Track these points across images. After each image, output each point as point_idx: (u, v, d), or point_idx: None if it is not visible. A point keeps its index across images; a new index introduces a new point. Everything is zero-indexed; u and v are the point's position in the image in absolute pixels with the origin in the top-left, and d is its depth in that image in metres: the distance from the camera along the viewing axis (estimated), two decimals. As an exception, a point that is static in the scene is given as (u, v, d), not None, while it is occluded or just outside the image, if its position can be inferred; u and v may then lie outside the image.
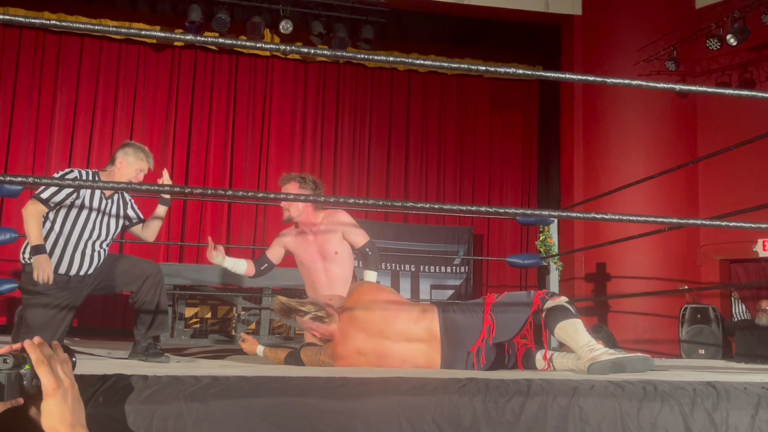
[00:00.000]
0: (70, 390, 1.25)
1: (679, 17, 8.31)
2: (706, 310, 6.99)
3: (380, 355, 2.85)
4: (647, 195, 7.55)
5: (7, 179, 2.14)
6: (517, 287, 9.18)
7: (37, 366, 1.23)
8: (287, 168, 8.89)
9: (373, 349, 2.87)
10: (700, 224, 2.48)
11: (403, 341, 2.88)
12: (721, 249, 8.07)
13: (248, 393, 1.70)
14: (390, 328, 2.90)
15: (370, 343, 2.88)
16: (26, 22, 2.15)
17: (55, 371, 1.24)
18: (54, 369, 1.24)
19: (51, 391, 1.22)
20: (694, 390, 1.94)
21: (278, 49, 2.33)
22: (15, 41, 8.21)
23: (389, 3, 8.38)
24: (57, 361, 1.26)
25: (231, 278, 6.51)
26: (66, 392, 1.24)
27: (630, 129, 8.26)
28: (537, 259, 7.09)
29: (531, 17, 8.98)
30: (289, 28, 8.06)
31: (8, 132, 8.07)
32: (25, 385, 1.22)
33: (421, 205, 2.50)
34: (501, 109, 9.69)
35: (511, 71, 2.48)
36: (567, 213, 3.28)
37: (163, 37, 2.20)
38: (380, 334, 2.88)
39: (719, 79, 8.36)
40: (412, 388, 1.82)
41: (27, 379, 1.22)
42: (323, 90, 9.17)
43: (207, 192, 2.15)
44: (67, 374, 1.26)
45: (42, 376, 1.22)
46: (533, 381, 1.91)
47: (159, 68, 8.67)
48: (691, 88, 2.53)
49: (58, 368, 1.25)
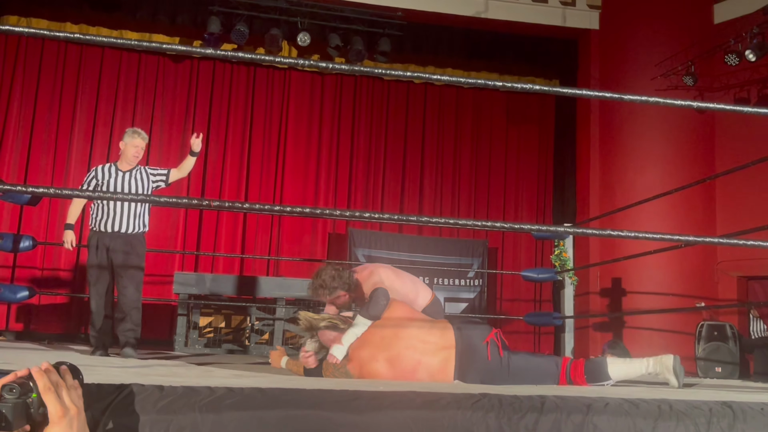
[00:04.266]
0: (76, 418, 1.24)
1: (697, 32, 8.28)
2: (723, 327, 6.92)
3: (393, 359, 2.97)
4: (664, 210, 7.50)
5: (30, 189, 2.18)
6: (532, 302, 9.13)
7: (44, 394, 1.22)
8: (303, 178, 8.93)
9: (386, 350, 3.00)
10: (717, 242, 2.46)
11: (417, 344, 3.04)
12: (738, 266, 7.99)
13: (263, 405, 1.71)
14: (404, 331, 3.05)
15: (383, 345, 3.02)
16: (50, 35, 2.19)
17: (62, 399, 1.23)
18: (61, 396, 1.24)
19: (57, 420, 1.22)
20: (710, 410, 1.92)
21: (297, 63, 2.35)
22: (37, 51, 8.33)
23: (406, 16, 8.43)
24: (65, 387, 1.25)
25: (244, 289, 6.54)
26: (72, 420, 1.23)
27: (647, 144, 8.22)
28: (552, 273, 7.07)
29: (548, 31, 8.99)
30: (306, 41, 8.12)
31: (29, 141, 8.17)
32: (32, 413, 1.21)
33: (436, 220, 2.51)
34: (517, 123, 9.68)
35: (527, 87, 2.49)
36: (582, 230, 3.27)
37: (184, 50, 2.23)
38: (395, 337, 3.04)
39: (738, 94, 8.31)
40: (426, 402, 1.82)
41: (34, 408, 1.21)
42: (340, 102, 9.21)
43: (224, 205, 2.17)
44: (74, 401, 1.25)
45: (49, 404, 1.21)
46: (547, 398, 1.90)
47: (178, 79, 8.75)
48: (708, 105, 2.52)
49: (65, 395, 1.24)
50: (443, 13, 8.60)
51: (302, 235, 8.77)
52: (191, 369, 3.55)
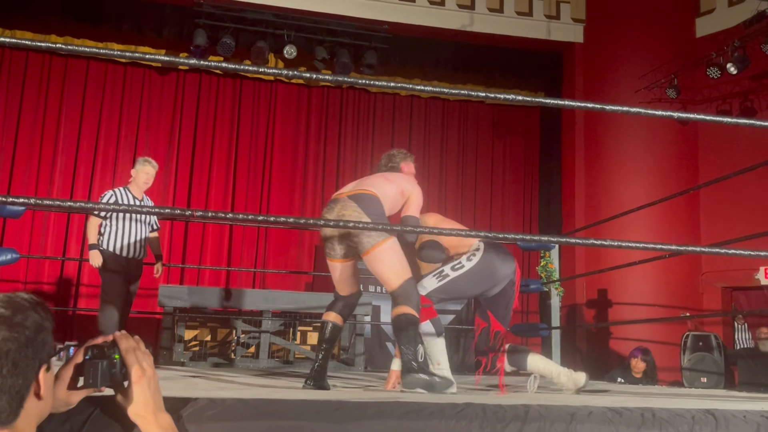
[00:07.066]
0: (153, 379, 1.39)
1: (680, 46, 8.38)
2: (708, 338, 6.96)
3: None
4: (649, 220, 7.55)
5: (9, 200, 2.17)
6: (518, 313, 9.14)
7: (126, 355, 1.36)
8: (289, 191, 8.92)
9: None
10: (699, 251, 2.48)
11: None
12: (723, 276, 8.05)
13: (245, 416, 1.70)
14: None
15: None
16: (33, 46, 2.18)
17: (140, 361, 1.37)
18: (139, 359, 1.37)
19: (137, 379, 1.36)
20: (693, 418, 1.93)
21: (282, 74, 2.36)
22: (21, 63, 8.28)
23: (392, 29, 8.47)
24: (142, 352, 1.39)
25: (230, 301, 6.50)
26: (149, 380, 1.37)
27: (631, 155, 8.29)
28: (538, 284, 7.07)
29: (533, 44, 9.07)
30: (293, 53, 8.14)
31: (12, 152, 8.11)
32: (115, 372, 1.35)
33: (420, 230, 2.52)
34: (503, 135, 9.74)
35: (511, 98, 2.51)
36: (567, 239, 3.29)
37: (168, 61, 2.22)
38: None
39: (720, 107, 8.41)
40: (410, 412, 1.81)
41: (117, 368, 1.35)
42: (326, 114, 9.23)
43: (208, 215, 2.17)
44: (150, 365, 1.39)
45: (130, 365, 1.36)
46: (531, 406, 1.90)
47: (164, 91, 8.73)
48: (689, 116, 2.55)
49: (143, 359, 1.38)
50: (429, 27, 8.65)
51: (289, 248, 8.74)
52: (177, 382, 3.51)
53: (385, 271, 3.14)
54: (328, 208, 3.26)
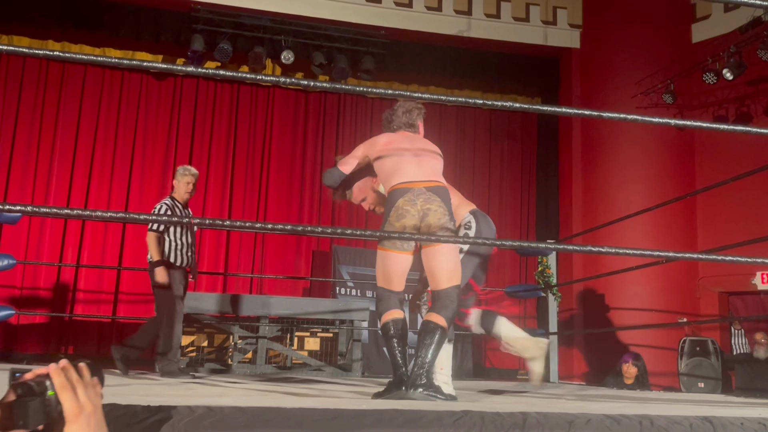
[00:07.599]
0: (93, 416, 1.25)
1: (676, 51, 8.41)
2: (705, 343, 6.96)
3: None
4: (646, 226, 7.56)
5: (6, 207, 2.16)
6: (516, 318, 9.13)
7: (60, 391, 1.23)
8: (287, 197, 8.91)
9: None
10: (696, 258, 2.49)
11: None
12: (720, 281, 8.06)
13: (243, 424, 1.70)
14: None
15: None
16: (30, 53, 2.18)
17: (79, 396, 1.24)
18: (77, 394, 1.24)
19: (72, 418, 1.22)
20: (691, 425, 1.93)
21: (279, 81, 2.36)
22: (19, 67, 8.27)
23: (389, 34, 8.49)
24: (82, 385, 1.26)
25: (227, 307, 6.49)
26: (89, 418, 1.24)
27: (628, 160, 8.31)
28: (535, 289, 7.07)
29: (530, 50, 9.09)
30: (290, 59, 8.15)
31: (9, 159, 8.09)
32: (49, 411, 1.23)
33: (418, 236, 2.52)
34: (500, 140, 9.75)
35: (509, 104, 2.51)
36: (564, 246, 3.30)
37: (165, 68, 2.23)
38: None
39: (716, 112, 8.43)
40: (408, 420, 1.81)
41: (51, 406, 1.23)
42: (324, 118, 9.23)
43: (205, 222, 2.17)
44: (91, 399, 1.25)
45: (64, 402, 1.22)
46: (529, 414, 1.90)
47: (161, 96, 8.73)
48: (687, 123, 2.55)
49: (82, 393, 1.25)
50: (426, 32, 8.67)
51: (286, 253, 8.73)
52: (174, 388, 3.51)
53: (440, 268, 3.12)
54: (407, 199, 3.14)
